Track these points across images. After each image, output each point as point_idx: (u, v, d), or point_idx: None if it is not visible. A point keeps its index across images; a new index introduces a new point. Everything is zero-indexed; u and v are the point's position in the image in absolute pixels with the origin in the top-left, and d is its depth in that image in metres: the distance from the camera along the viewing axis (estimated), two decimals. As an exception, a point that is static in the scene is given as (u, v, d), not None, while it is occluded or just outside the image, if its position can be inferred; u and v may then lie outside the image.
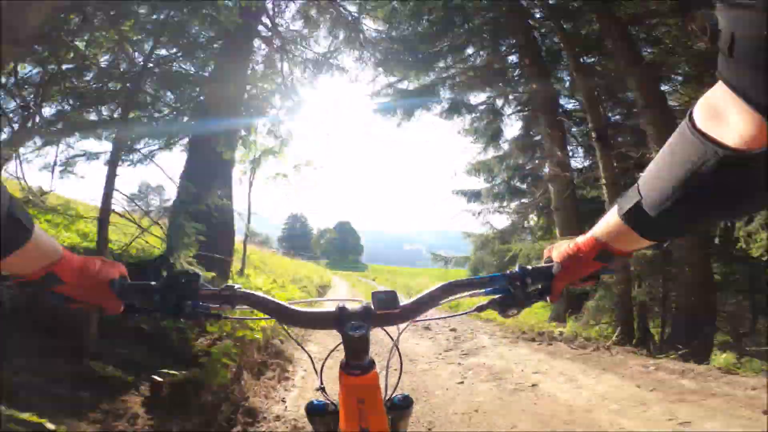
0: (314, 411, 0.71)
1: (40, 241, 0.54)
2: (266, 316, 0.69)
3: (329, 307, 0.67)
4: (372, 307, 0.64)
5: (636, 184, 0.53)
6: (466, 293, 0.71)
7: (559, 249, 0.69)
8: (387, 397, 0.72)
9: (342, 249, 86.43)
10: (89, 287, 0.62)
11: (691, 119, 0.41)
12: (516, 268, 0.69)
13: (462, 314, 0.86)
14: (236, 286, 0.67)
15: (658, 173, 0.49)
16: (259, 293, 0.68)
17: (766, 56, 0.29)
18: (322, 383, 0.75)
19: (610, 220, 0.59)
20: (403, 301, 0.67)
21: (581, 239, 0.65)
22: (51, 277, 0.57)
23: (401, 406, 0.74)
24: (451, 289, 0.70)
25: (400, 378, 0.77)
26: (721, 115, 0.37)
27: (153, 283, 0.65)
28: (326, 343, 4.16)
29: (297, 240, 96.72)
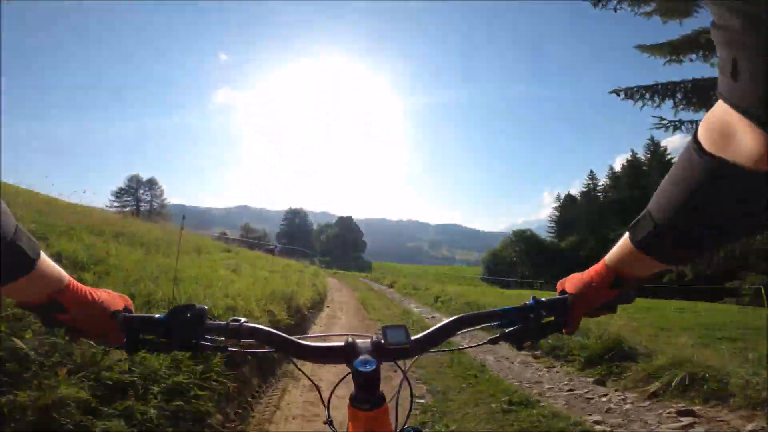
0: None
1: (45, 269, 0.54)
2: (272, 349, 0.69)
3: (338, 341, 0.67)
4: (382, 341, 0.64)
5: (647, 210, 0.52)
6: (479, 326, 0.71)
7: (572, 281, 0.71)
8: (398, 430, 0.71)
9: (344, 245, 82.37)
10: (92, 317, 0.61)
11: (696, 141, 0.41)
12: (530, 300, 0.70)
13: (475, 346, 0.83)
14: (242, 320, 0.67)
15: (670, 198, 0.48)
16: (266, 327, 0.69)
17: None
18: (329, 416, 0.73)
19: (623, 246, 0.59)
20: (414, 335, 0.67)
21: (593, 269, 0.66)
22: (54, 305, 0.57)
23: None
24: (464, 322, 0.71)
25: (411, 410, 0.76)
26: (729, 137, 0.37)
27: (157, 316, 0.65)
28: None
29: (296, 236, 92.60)
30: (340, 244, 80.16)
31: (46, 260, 0.54)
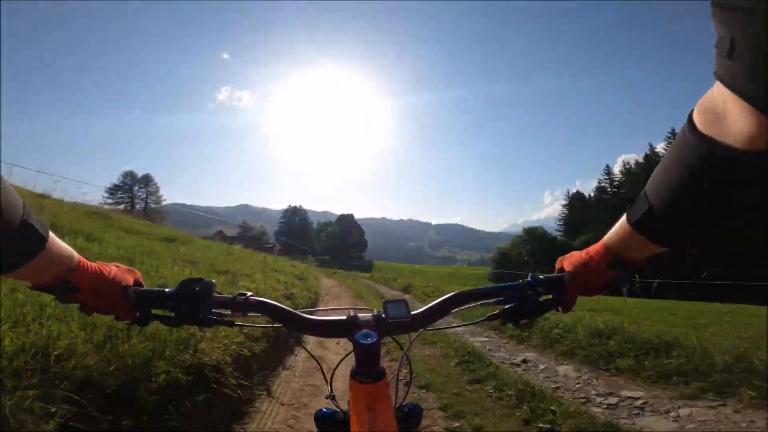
0: (324, 419, 0.71)
1: (54, 248, 0.54)
2: (278, 324, 0.69)
3: (341, 315, 0.68)
4: (383, 315, 0.65)
5: (644, 191, 0.52)
6: (477, 303, 0.72)
7: (570, 259, 0.70)
8: (397, 405, 0.72)
9: (344, 244, 79.89)
10: (104, 294, 0.62)
11: (691, 122, 0.41)
12: (528, 278, 0.70)
13: (473, 323, 0.85)
14: (249, 294, 0.68)
15: (664, 178, 0.48)
16: (272, 301, 0.69)
17: (766, 59, 0.29)
18: (331, 391, 0.75)
19: (620, 228, 0.59)
20: (414, 309, 0.68)
21: (593, 248, 0.66)
22: (66, 284, 0.57)
23: (411, 414, 0.74)
24: (463, 298, 0.71)
25: (410, 386, 0.79)
26: (722, 117, 0.37)
27: (167, 290, 0.66)
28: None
29: (296, 235, 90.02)
30: (341, 243, 77.63)
31: (54, 239, 0.53)
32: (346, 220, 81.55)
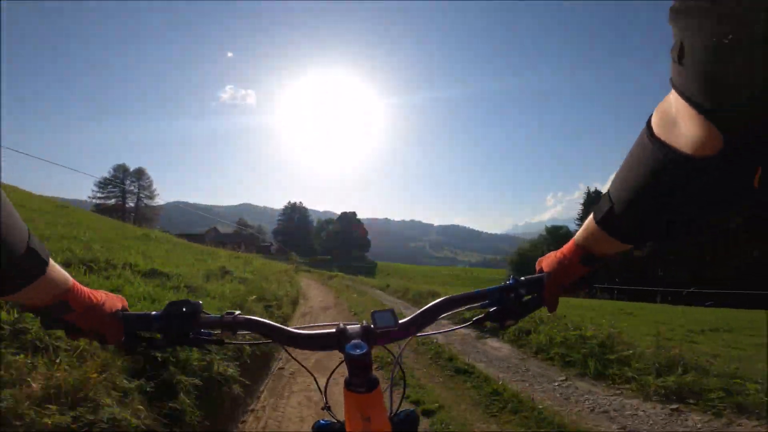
0: (321, 430, 0.72)
1: (53, 272, 0.55)
2: (268, 340, 0.70)
3: (330, 328, 0.68)
4: (371, 325, 0.66)
5: (608, 190, 0.54)
6: (463, 307, 0.72)
7: (547, 260, 0.72)
8: (392, 413, 0.72)
9: (345, 244, 76.32)
10: (96, 317, 0.63)
11: (649, 126, 0.42)
12: (509, 280, 0.72)
13: (460, 327, 0.87)
14: (237, 313, 0.69)
15: (624, 179, 0.49)
16: (260, 318, 0.70)
17: (712, 63, 0.30)
18: (326, 402, 0.76)
19: (588, 225, 0.60)
20: (401, 318, 0.69)
21: (566, 247, 0.68)
22: (62, 305, 0.58)
23: (407, 421, 0.74)
24: (449, 303, 0.72)
25: (404, 393, 0.82)
26: (675, 122, 0.38)
27: (153, 312, 0.66)
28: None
29: (295, 233, 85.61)
30: (342, 243, 74.05)
31: (53, 263, 0.55)
32: (348, 219, 77.60)
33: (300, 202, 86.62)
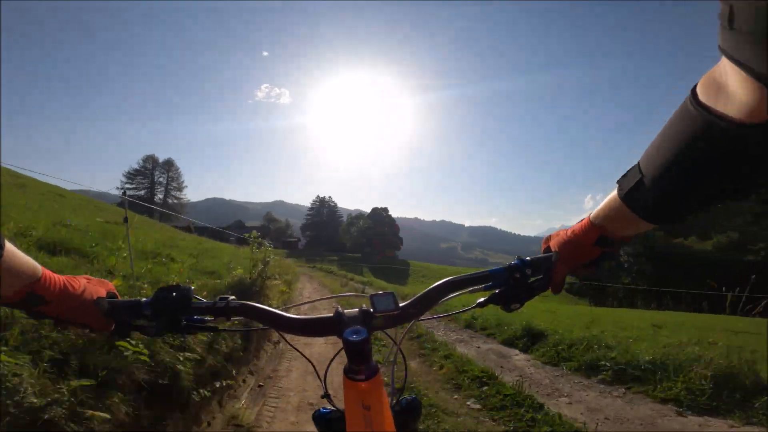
0: (321, 419, 0.70)
1: (14, 260, 0.52)
2: (263, 326, 0.68)
3: (327, 313, 0.66)
4: (371, 310, 0.63)
5: (637, 163, 0.51)
6: (466, 290, 0.70)
7: (557, 237, 0.69)
8: (394, 401, 0.71)
9: (377, 241, 71.40)
10: (76, 306, 0.60)
11: (693, 94, 0.41)
12: (515, 260, 0.69)
13: (463, 311, 0.80)
14: (230, 298, 0.66)
15: (659, 150, 0.47)
16: (254, 304, 0.67)
17: (765, 26, 0.29)
18: (326, 390, 0.74)
19: (610, 202, 0.58)
20: (402, 301, 0.66)
21: (578, 226, 0.65)
22: (33, 297, 0.55)
23: (409, 410, 0.72)
24: (452, 286, 0.69)
25: (405, 381, 0.78)
26: (724, 89, 0.37)
27: (143, 299, 0.64)
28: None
29: (323, 228, 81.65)
30: (372, 240, 69.32)
31: (13, 251, 0.52)
32: (380, 214, 72.23)
33: (329, 197, 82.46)
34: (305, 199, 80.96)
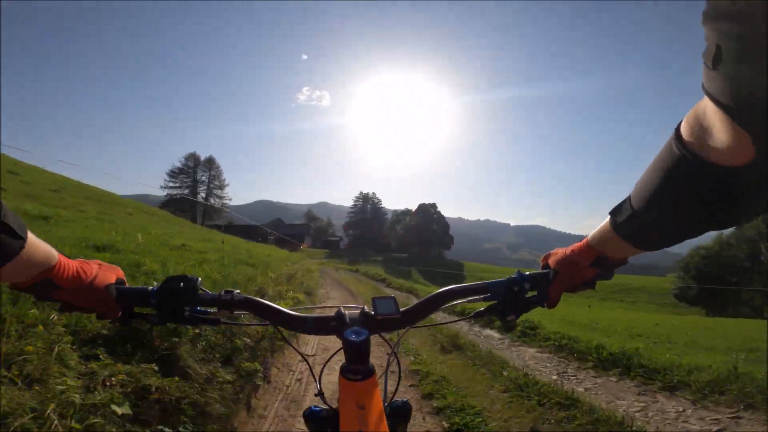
0: (313, 417, 0.70)
1: (34, 248, 0.52)
2: (265, 321, 0.68)
3: (329, 312, 0.67)
4: (372, 312, 0.65)
5: (628, 196, 0.54)
6: (465, 299, 0.71)
7: (555, 256, 0.71)
8: (387, 402, 0.71)
9: (425, 239, 65.71)
10: (86, 292, 0.61)
11: (677, 132, 0.42)
12: (514, 274, 0.70)
13: (460, 320, 0.85)
14: (235, 292, 0.67)
15: (648, 186, 0.48)
16: (258, 299, 0.68)
17: (749, 69, 0.28)
18: (320, 389, 0.73)
19: (604, 229, 0.60)
20: (403, 307, 0.68)
21: (577, 246, 0.67)
22: (47, 283, 0.56)
23: (401, 412, 0.73)
24: (451, 295, 0.71)
25: (399, 383, 0.78)
26: (706, 130, 0.37)
27: (150, 287, 0.65)
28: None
29: (367, 227, 76.19)
30: (421, 238, 64.19)
31: (33, 238, 0.52)
32: (427, 211, 66.85)
33: (373, 193, 77.86)
34: (347, 200, 77.17)
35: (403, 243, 64.94)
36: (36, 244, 0.52)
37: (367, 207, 76.83)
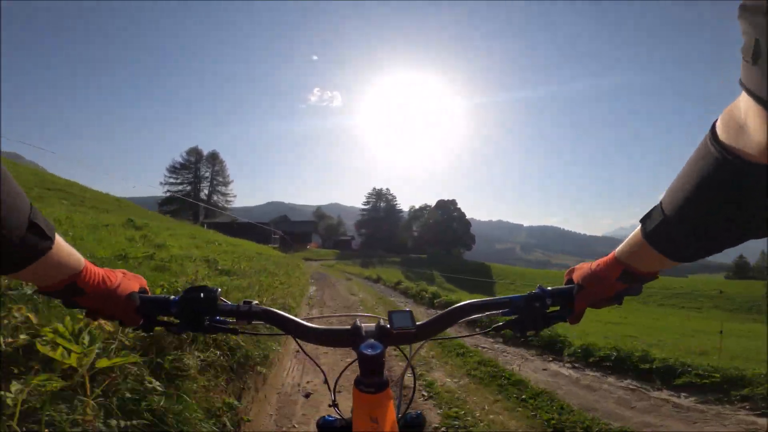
0: (326, 427, 0.70)
1: (61, 251, 0.53)
2: (281, 332, 0.69)
3: (345, 324, 0.68)
4: (388, 326, 0.65)
5: (659, 203, 0.51)
6: (485, 313, 0.70)
7: (580, 271, 0.69)
8: (400, 415, 0.71)
9: (445, 239, 59.87)
10: (110, 300, 0.62)
11: (713, 131, 0.40)
12: (536, 289, 0.69)
13: (478, 333, 0.94)
14: (253, 303, 0.68)
15: (680, 190, 0.46)
16: (276, 310, 0.69)
17: None
18: (335, 399, 0.74)
19: (634, 240, 0.57)
20: (419, 320, 0.67)
21: (603, 260, 0.65)
22: (73, 288, 0.57)
23: (414, 425, 0.72)
24: (470, 309, 0.70)
25: (413, 396, 0.79)
26: (744, 126, 0.36)
27: (172, 297, 0.66)
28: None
29: (380, 225, 70.13)
30: (440, 237, 58.89)
31: (61, 242, 0.53)
32: (447, 207, 61.62)
33: (387, 189, 72.50)
34: (359, 202, 72.19)
35: (422, 242, 59.95)
36: (63, 247, 0.53)
37: (381, 204, 71.70)
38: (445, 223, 59.46)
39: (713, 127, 0.40)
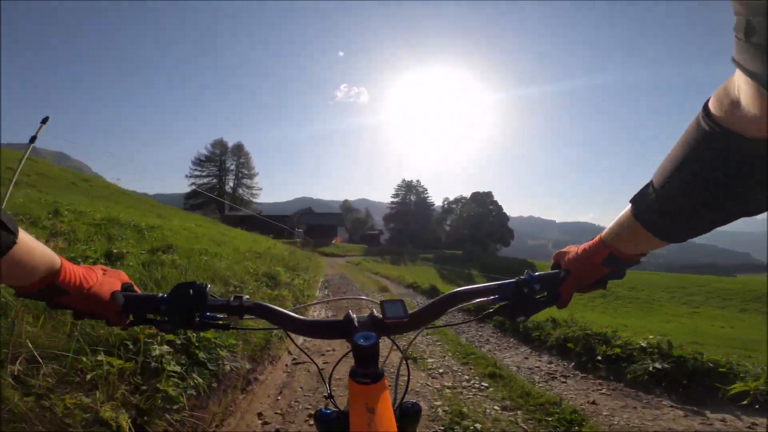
0: (323, 419, 0.71)
1: (33, 249, 0.52)
2: (274, 326, 0.69)
3: (338, 316, 0.69)
4: (380, 315, 0.65)
5: (650, 181, 0.51)
6: (474, 300, 0.71)
7: (567, 254, 0.70)
8: (396, 404, 0.72)
9: (479, 233, 54.95)
10: (92, 299, 0.60)
11: (706, 109, 0.41)
12: (524, 275, 0.69)
13: (470, 321, 0.86)
14: (244, 297, 0.68)
15: (672, 167, 0.46)
16: (268, 304, 0.69)
17: None
18: (330, 391, 0.75)
19: (622, 220, 0.57)
20: (411, 309, 0.68)
21: (589, 244, 0.66)
22: (53, 288, 0.56)
23: (410, 414, 0.73)
24: (460, 296, 0.71)
25: (408, 385, 0.79)
26: (737, 103, 0.36)
27: (159, 294, 0.65)
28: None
29: (410, 219, 65.34)
30: (475, 232, 54.62)
31: (30, 241, 0.51)
32: (482, 200, 57.20)
33: (417, 181, 67.99)
34: (388, 196, 68.64)
35: (457, 237, 56.04)
36: (34, 245, 0.52)
37: (411, 198, 67.36)
38: (481, 216, 55.35)
39: (705, 105, 0.40)
